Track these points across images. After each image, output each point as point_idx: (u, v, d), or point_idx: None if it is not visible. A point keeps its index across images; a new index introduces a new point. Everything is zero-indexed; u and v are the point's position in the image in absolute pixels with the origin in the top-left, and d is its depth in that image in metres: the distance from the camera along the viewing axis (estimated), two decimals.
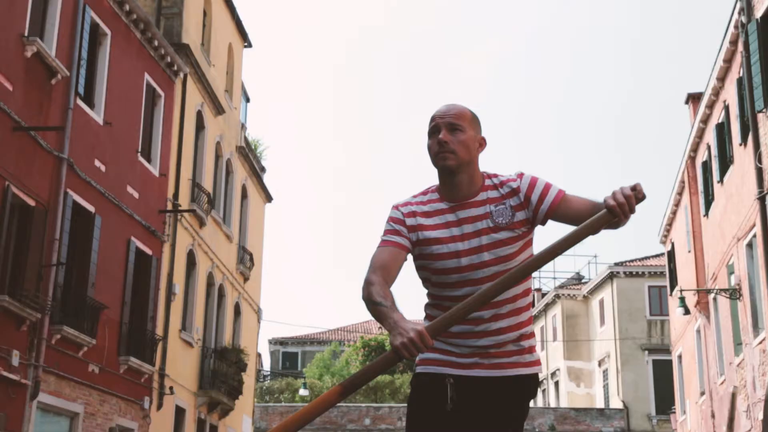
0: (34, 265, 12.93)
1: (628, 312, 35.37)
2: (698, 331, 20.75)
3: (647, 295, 35.70)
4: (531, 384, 2.90)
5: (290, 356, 54.82)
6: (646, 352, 34.92)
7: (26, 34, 12.83)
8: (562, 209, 2.80)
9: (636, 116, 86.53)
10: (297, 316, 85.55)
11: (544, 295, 42.79)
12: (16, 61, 12.61)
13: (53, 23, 13.71)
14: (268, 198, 26.85)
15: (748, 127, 14.80)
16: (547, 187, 2.83)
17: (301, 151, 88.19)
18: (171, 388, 17.91)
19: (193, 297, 19.89)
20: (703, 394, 20.54)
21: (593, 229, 2.61)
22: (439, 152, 2.81)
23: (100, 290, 14.99)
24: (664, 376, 31.84)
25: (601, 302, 36.87)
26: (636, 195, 2.55)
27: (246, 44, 24.24)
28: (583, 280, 44.07)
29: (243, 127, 24.09)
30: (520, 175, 2.87)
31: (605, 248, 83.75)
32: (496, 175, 2.90)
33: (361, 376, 2.63)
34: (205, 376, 20.23)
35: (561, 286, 41.41)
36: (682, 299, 19.09)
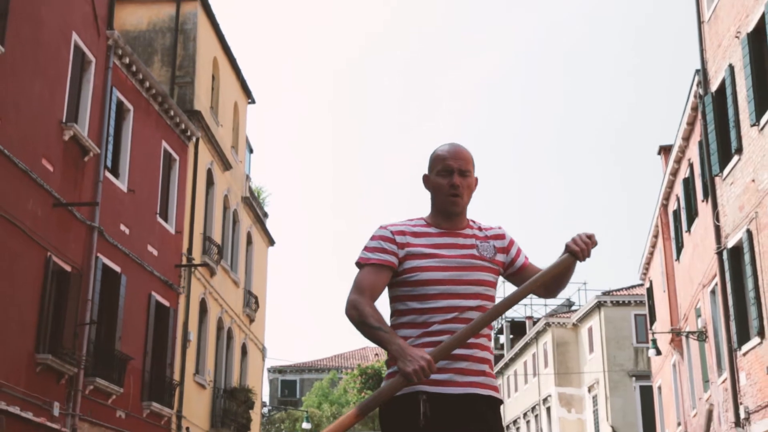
0: (70, 325, 14.50)
1: (616, 340, 36.79)
2: (674, 366, 22.36)
3: (633, 324, 37.03)
4: (499, 410, 2.98)
5: (289, 384, 55.93)
6: (634, 378, 36.30)
7: (64, 120, 14.48)
8: (529, 270, 3.12)
9: (638, 128, 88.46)
10: (294, 344, 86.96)
11: (535, 322, 44.32)
12: (56, 144, 14.25)
13: (86, 106, 15.36)
14: (271, 242, 28.45)
15: (708, 187, 16.47)
16: (521, 250, 3.18)
17: (298, 189, 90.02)
18: (188, 428, 19.43)
19: (205, 342, 21.44)
20: (679, 425, 22.12)
21: (558, 270, 2.96)
22: (450, 194, 3.00)
23: (125, 342, 16.54)
24: (650, 402, 33.31)
25: (590, 330, 38.26)
26: (592, 242, 2.95)
27: (250, 101, 25.95)
28: (573, 307, 45.71)
29: (248, 178, 25.75)
30: (501, 228, 3.16)
31: (594, 276, 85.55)
32: (476, 221, 3.14)
33: (375, 400, 2.84)
34: (217, 416, 21.75)
35: (551, 314, 42.93)
36: (654, 341, 20.72)
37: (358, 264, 3.00)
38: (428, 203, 3.12)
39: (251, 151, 27.09)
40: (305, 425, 33.34)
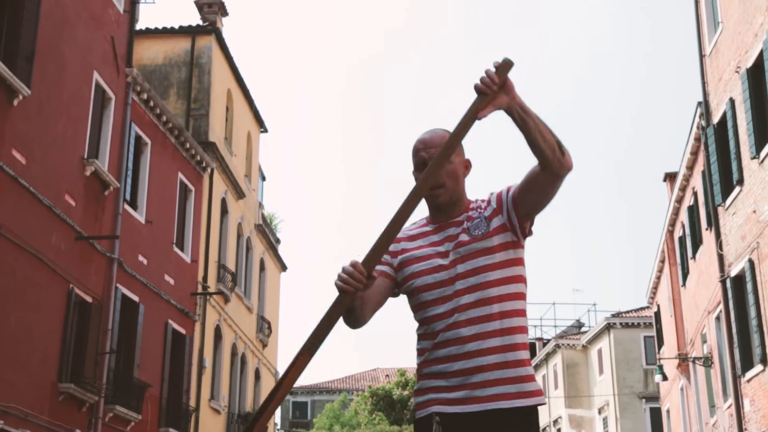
0: (91, 354, 14.94)
1: (626, 361, 37.00)
2: (682, 390, 22.63)
3: (643, 345, 37.24)
4: (531, 417, 2.70)
5: (300, 405, 56.22)
6: (644, 400, 36.47)
7: (86, 156, 15.00)
8: (522, 185, 2.78)
9: (644, 152, 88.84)
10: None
11: (545, 344, 44.56)
12: (78, 180, 14.77)
13: (106, 142, 15.89)
14: (283, 267, 28.89)
15: (711, 216, 16.83)
16: (511, 187, 2.86)
17: (309, 214, 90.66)
18: None
19: (220, 368, 21.85)
20: None
21: (474, 112, 2.65)
22: (430, 187, 2.74)
23: (143, 370, 16.98)
24: (660, 424, 33.45)
25: (600, 352, 38.48)
26: (497, 69, 2.63)
27: (262, 129, 26.49)
28: (583, 329, 45.96)
29: (260, 205, 26.25)
30: (491, 194, 2.90)
31: (604, 297, 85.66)
32: (478, 199, 2.91)
33: (320, 329, 2.60)
34: None
35: (561, 336, 43.17)
36: (660, 367, 21.03)
37: None
38: None
39: (264, 178, 27.59)
40: None
